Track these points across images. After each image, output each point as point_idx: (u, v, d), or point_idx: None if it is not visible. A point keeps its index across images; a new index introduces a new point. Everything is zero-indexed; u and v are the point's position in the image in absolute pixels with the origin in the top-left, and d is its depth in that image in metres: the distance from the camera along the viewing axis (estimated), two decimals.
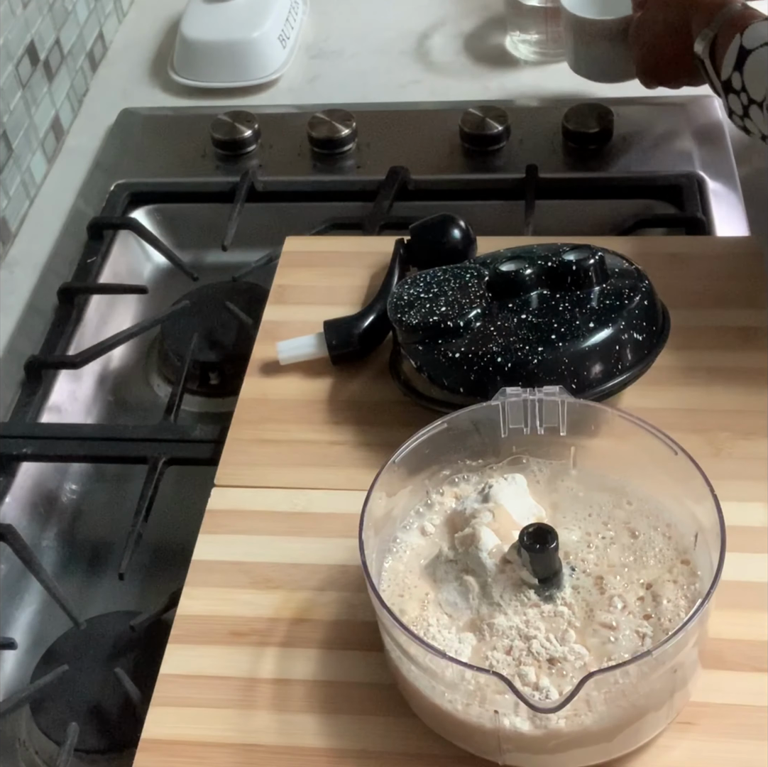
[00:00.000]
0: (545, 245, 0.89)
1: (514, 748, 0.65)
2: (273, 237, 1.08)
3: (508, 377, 0.79)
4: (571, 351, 0.80)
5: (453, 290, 0.87)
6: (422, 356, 0.84)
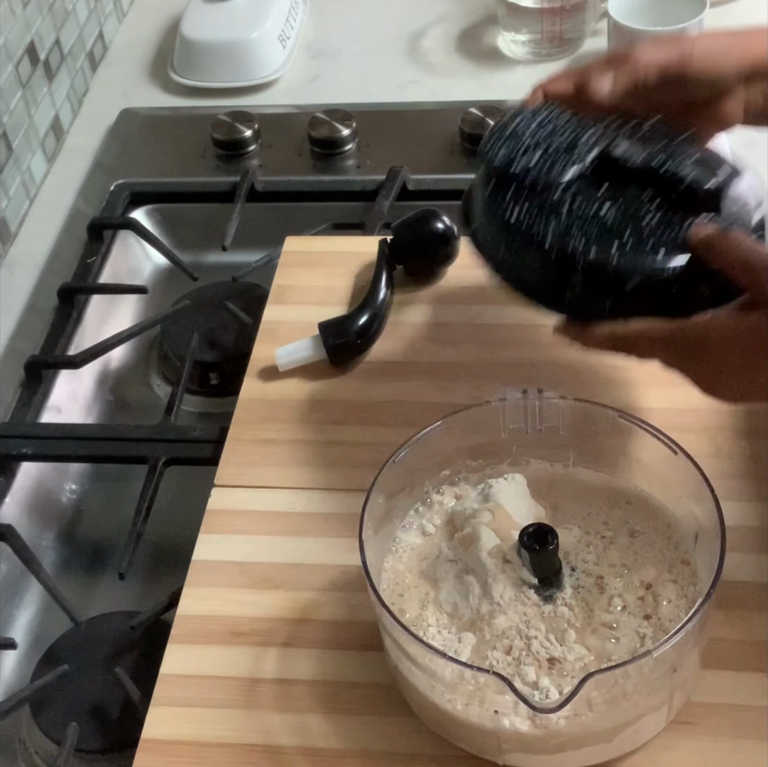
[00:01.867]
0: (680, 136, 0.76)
1: (514, 748, 0.65)
2: (273, 237, 1.08)
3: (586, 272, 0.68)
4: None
5: (559, 146, 0.74)
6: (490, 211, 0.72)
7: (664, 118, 0.75)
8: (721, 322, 0.65)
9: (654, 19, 1.24)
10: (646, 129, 0.74)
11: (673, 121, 0.75)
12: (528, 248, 0.69)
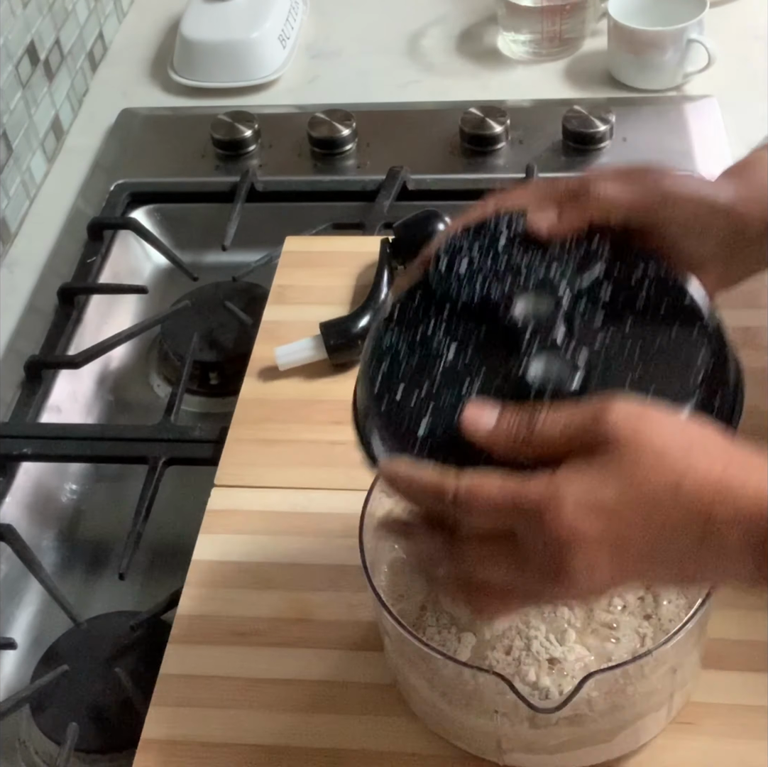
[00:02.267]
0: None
1: (514, 748, 0.65)
2: (273, 237, 1.08)
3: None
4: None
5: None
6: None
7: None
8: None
9: (654, 19, 1.25)
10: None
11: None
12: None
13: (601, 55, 1.30)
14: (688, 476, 0.51)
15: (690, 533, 0.52)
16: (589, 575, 0.52)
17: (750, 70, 1.27)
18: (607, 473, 0.52)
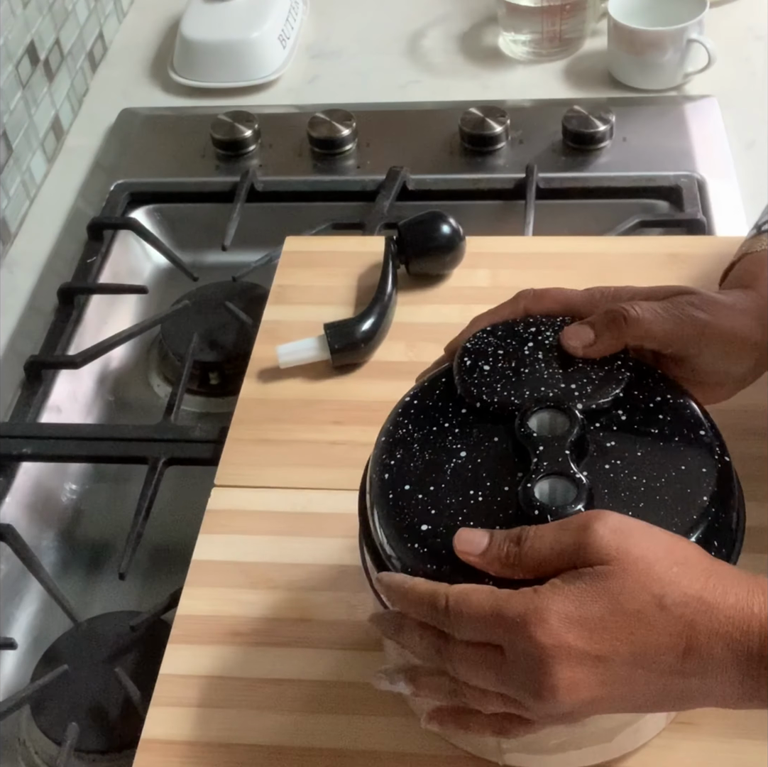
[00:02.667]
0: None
1: (514, 748, 0.65)
2: (273, 237, 1.08)
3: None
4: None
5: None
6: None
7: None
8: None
9: (654, 19, 1.25)
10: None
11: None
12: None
13: (601, 55, 1.30)
14: (671, 591, 0.53)
15: (674, 648, 0.53)
16: (571, 692, 0.53)
17: (750, 70, 1.27)
18: (592, 588, 0.53)
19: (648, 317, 0.66)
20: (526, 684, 0.54)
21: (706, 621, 0.53)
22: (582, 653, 0.53)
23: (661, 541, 0.55)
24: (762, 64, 1.27)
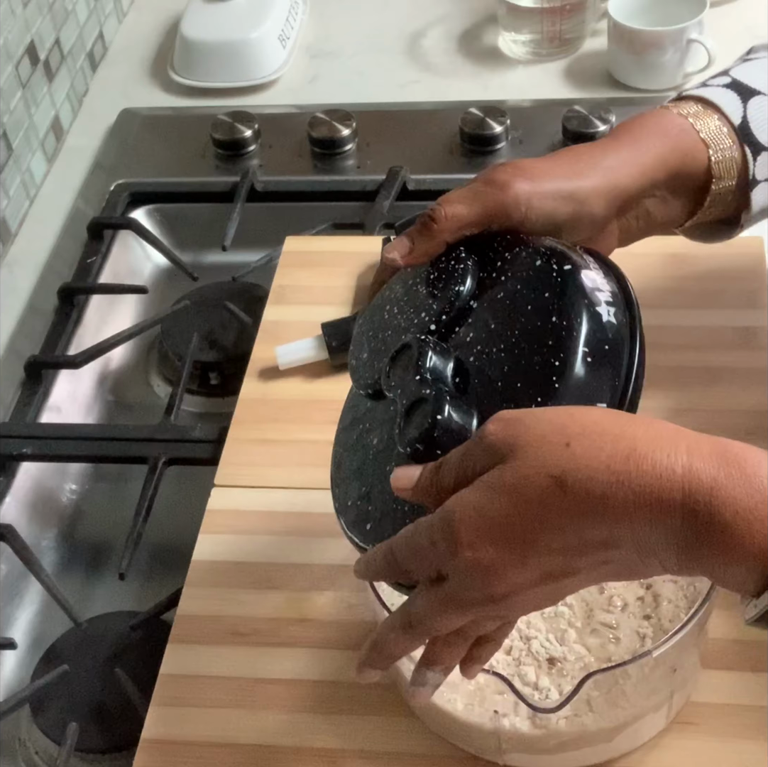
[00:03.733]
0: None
1: (514, 748, 0.65)
2: (273, 237, 1.08)
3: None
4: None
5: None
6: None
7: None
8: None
9: (654, 19, 1.25)
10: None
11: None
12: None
13: (601, 55, 1.30)
14: (569, 469, 0.49)
15: (593, 527, 0.49)
16: (515, 591, 0.51)
17: None
18: (493, 487, 0.51)
19: (457, 207, 0.64)
20: (476, 599, 0.52)
21: (619, 493, 0.48)
22: (505, 557, 0.50)
23: (551, 420, 0.51)
24: None
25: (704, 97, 0.72)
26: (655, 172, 0.69)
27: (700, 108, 0.72)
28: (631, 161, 0.68)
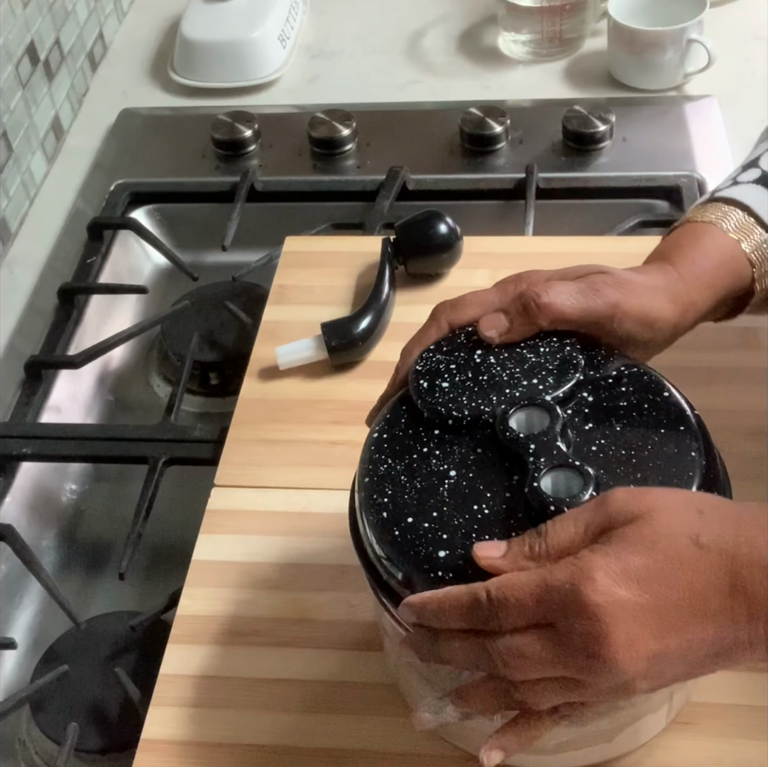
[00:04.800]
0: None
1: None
2: (273, 237, 1.08)
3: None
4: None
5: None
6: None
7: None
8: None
9: (654, 19, 1.25)
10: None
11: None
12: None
13: (601, 55, 1.30)
14: (705, 530, 0.53)
15: (719, 587, 0.53)
16: (630, 649, 0.52)
17: (750, 70, 1.27)
18: (628, 543, 0.53)
19: (559, 300, 0.66)
20: (583, 652, 0.53)
21: (747, 552, 0.53)
22: (634, 605, 0.52)
23: (679, 493, 0.56)
24: (762, 64, 1.27)
25: (739, 201, 0.74)
26: (710, 303, 0.72)
27: (743, 218, 0.74)
28: (697, 300, 0.71)
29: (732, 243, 0.73)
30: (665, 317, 0.69)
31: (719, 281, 0.72)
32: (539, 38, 1.31)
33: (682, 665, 0.54)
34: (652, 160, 1.16)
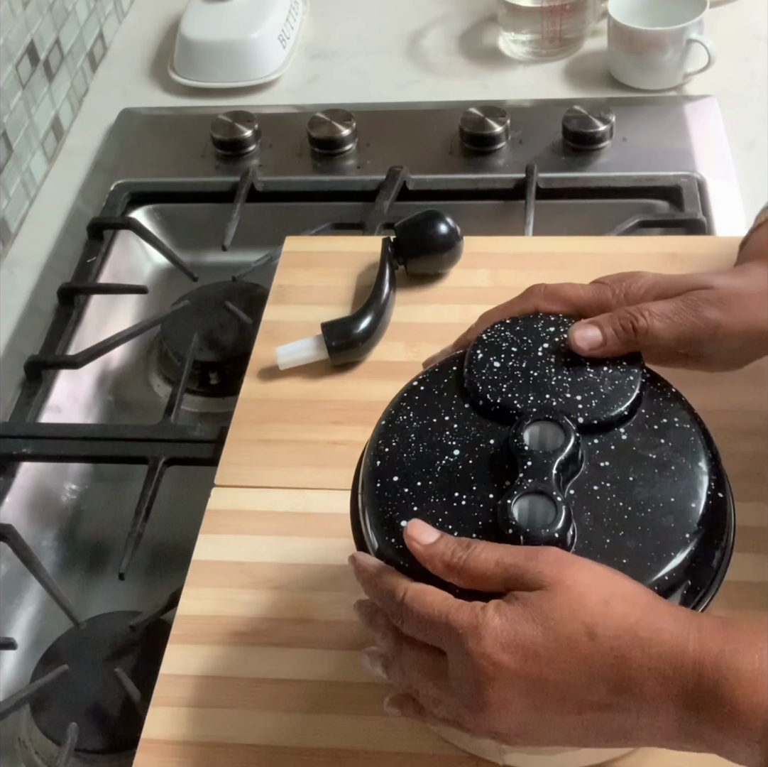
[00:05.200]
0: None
1: (514, 748, 0.65)
2: (273, 237, 1.08)
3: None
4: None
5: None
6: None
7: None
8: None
9: (654, 19, 1.25)
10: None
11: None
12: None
13: (601, 55, 1.30)
14: (602, 622, 0.53)
15: (604, 681, 0.52)
16: (502, 711, 0.54)
17: (750, 70, 1.27)
18: (528, 612, 0.53)
19: (658, 324, 0.65)
20: (461, 695, 0.55)
21: (638, 656, 0.52)
22: (514, 674, 0.53)
23: (599, 575, 0.55)
24: (762, 64, 1.27)
25: None
26: None
27: None
28: None
29: None
30: (755, 337, 0.66)
31: None
32: (539, 38, 1.31)
33: (562, 736, 0.55)
34: (652, 160, 1.16)
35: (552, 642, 0.53)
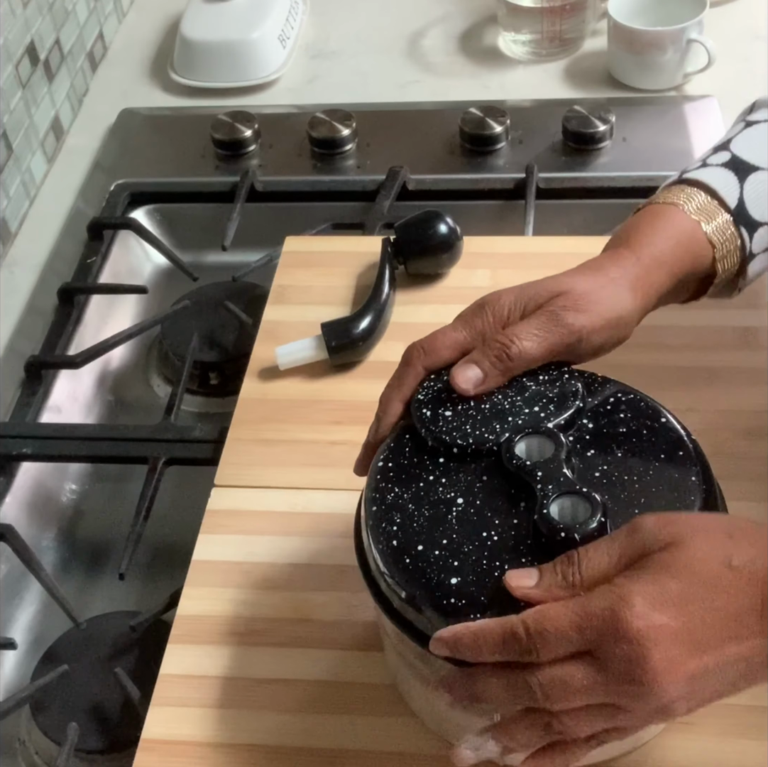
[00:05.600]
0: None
1: None
2: (273, 237, 1.08)
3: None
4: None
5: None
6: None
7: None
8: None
9: (654, 19, 1.25)
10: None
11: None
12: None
13: (601, 55, 1.30)
14: (736, 553, 0.54)
15: (753, 608, 0.54)
16: (671, 674, 0.53)
17: (750, 70, 1.27)
18: (663, 568, 0.54)
19: (528, 344, 0.67)
20: (624, 676, 0.53)
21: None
22: (672, 628, 0.53)
23: (707, 518, 0.58)
24: (762, 64, 1.27)
25: (704, 183, 0.74)
26: (669, 283, 0.72)
27: (705, 200, 0.74)
28: (656, 281, 0.71)
29: (692, 224, 0.73)
30: (629, 309, 0.69)
31: (678, 261, 0.72)
32: (539, 38, 1.31)
33: (719, 683, 0.55)
34: (652, 160, 1.16)
35: (698, 585, 0.53)
